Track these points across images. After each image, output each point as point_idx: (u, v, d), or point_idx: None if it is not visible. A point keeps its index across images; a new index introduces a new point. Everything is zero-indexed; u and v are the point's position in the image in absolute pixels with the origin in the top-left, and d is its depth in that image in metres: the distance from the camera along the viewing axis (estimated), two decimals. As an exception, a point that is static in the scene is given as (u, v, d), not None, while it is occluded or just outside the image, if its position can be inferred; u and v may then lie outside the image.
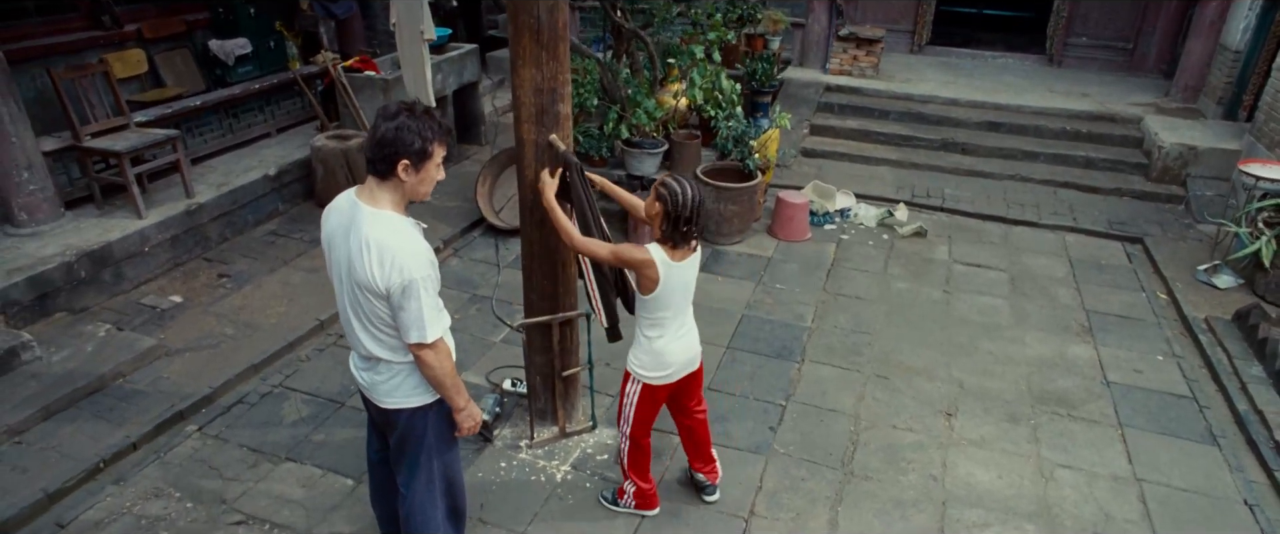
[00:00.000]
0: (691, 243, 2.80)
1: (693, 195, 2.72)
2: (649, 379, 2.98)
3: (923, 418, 4.09)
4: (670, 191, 2.71)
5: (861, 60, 8.82)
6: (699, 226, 2.77)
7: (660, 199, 2.73)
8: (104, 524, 3.27)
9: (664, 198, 2.72)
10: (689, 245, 2.80)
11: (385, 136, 2.25)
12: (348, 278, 2.36)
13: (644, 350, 2.96)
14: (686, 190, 2.72)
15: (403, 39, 5.11)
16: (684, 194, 2.70)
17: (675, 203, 2.70)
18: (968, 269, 5.75)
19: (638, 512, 3.33)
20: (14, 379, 3.99)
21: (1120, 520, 3.47)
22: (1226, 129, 7.19)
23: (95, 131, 5.12)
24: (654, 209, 2.76)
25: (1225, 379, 4.48)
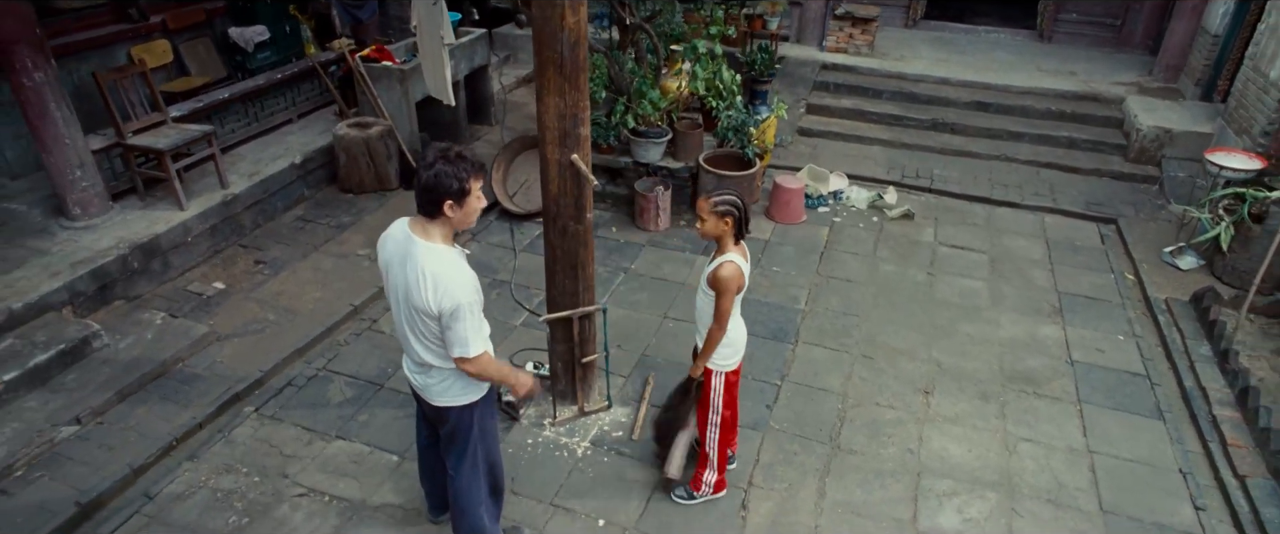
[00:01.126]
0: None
1: (744, 200, 3.16)
2: (730, 367, 3.41)
3: (903, 396, 4.56)
4: (732, 205, 3.12)
5: (857, 38, 9.09)
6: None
7: (729, 214, 3.11)
8: (185, 496, 3.75)
9: (732, 211, 3.11)
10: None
11: (428, 183, 2.63)
12: (405, 301, 2.77)
13: (722, 344, 3.36)
14: (739, 198, 3.14)
15: (423, 41, 5.41)
16: (742, 202, 3.14)
17: (739, 210, 3.12)
18: (951, 251, 6.17)
19: (714, 496, 3.75)
20: (88, 365, 4.44)
21: (1071, 488, 3.97)
22: (1202, 111, 7.55)
23: (136, 129, 5.46)
24: (724, 225, 3.13)
25: (1177, 358, 4.96)
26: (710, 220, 3.14)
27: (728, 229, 3.13)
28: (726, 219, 3.11)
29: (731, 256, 3.16)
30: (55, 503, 3.64)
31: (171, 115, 5.75)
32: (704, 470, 3.69)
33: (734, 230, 3.15)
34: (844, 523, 3.71)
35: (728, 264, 3.13)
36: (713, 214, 3.12)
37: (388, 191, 6.59)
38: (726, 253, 3.17)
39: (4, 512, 3.59)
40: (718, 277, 3.13)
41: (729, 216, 3.11)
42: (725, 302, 3.17)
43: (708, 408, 3.48)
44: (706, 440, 3.57)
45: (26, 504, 3.63)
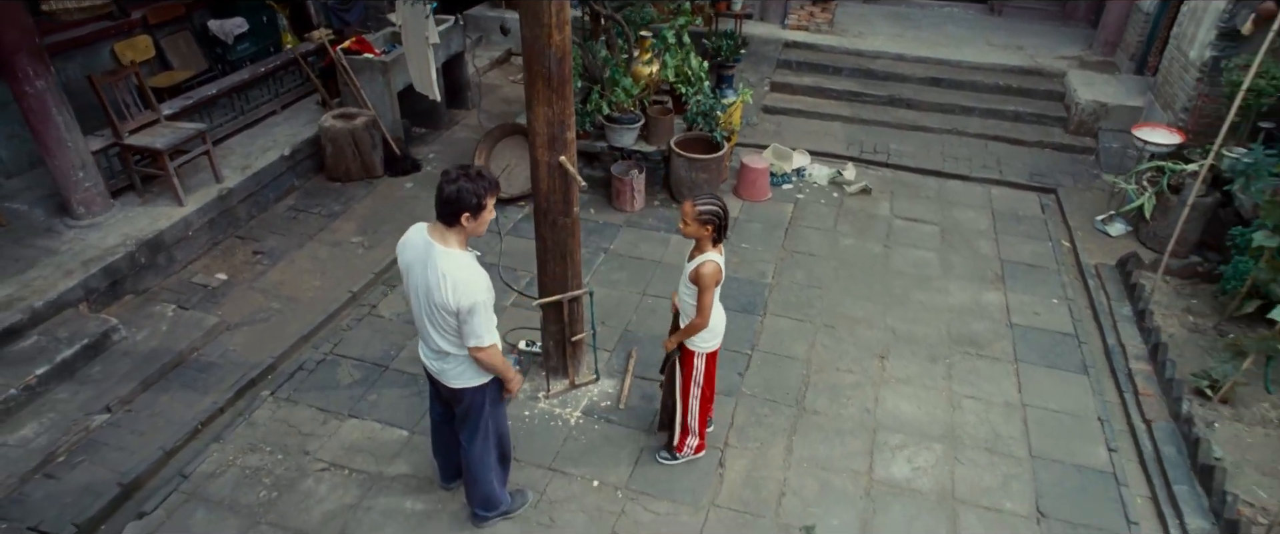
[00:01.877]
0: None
1: (725, 207, 3.53)
2: (711, 349, 3.84)
3: (861, 361, 5.08)
4: (713, 214, 3.49)
5: (817, 16, 9.47)
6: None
7: (709, 222, 3.48)
8: (216, 475, 4.13)
9: (712, 220, 3.48)
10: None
11: (449, 196, 3.01)
12: (425, 299, 3.16)
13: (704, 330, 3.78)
14: (722, 205, 3.52)
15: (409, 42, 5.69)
16: (723, 209, 3.51)
17: (719, 217, 3.50)
18: (906, 224, 6.68)
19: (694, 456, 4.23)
20: (110, 357, 4.76)
21: (1006, 437, 4.53)
22: (1135, 85, 8.10)
23: (132, 129, 5.69)
24: (704, 231, 3.50)
25: (1102, 318, 5.54)
26: (692, 225, 3.51)
27: (707, 234, 3.53)
28: (707, 226, 3.50)
29: (712, 256, 3.56)
30: (99, 485, 4.00)
31: (164, 113, 5.97)
32: (686, 436, 4.17)
33: (713, 235, 3.54)
34: (809, 476, 4.22)
35: (709, 263, 3.54)
36: (696, 220, 3.50)
37: (374, 179, 6.89)
38: (706, 253, 3.58)
39: (54, 493, 3.95)
40: (700, 274, 3.54)
41: (709, 225, 3.50)
42: (707, 297, 3.59)
43: (690, 383, 3.93)
44: (687, 411, 4.03)
45: (73, 487, 3.99)
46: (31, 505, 3.89)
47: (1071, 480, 4.26)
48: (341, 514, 3.93)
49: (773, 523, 3.94)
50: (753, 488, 4.13)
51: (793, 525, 3.93)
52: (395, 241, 5.94)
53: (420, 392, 4.67)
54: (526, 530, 3.88)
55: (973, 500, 4.12)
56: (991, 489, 4.20)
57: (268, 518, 3.91)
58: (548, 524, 3.91)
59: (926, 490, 4.17)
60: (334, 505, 3.97)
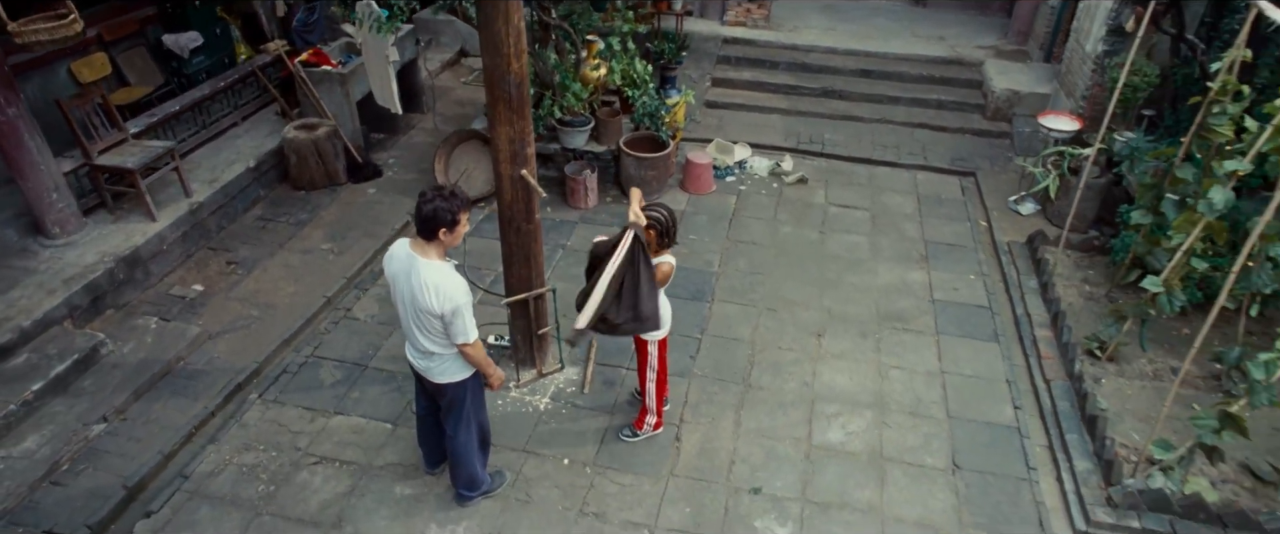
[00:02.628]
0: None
1: (671, 216, 4.00)
2: (663, 335, 4.30)
3: (800, 340, 5.63)
4: (660, 221, 3.96)
5: (754, 12, 9.97)
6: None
7: (654, 226, 3.95)
8: (215, 473, 4.49)
9: (658, 225, 3.96)
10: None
11: (428, 215, 3.42)
12: (411, 305, 3.57)
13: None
14: (669, 215, 3.99)
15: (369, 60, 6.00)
16: (669, 219, 3.98)
17: (663, 225, 3.97)
18: (839, 210, 7.26)
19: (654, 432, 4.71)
20: (100, 370, 5.04)
21: (927, 401, 5.14)
22: (1045, 73, 8.81)
23: (101, 149, 5.90)
24: (649, 234, 3.98)
25: (1012, 291, 6.21)
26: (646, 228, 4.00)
27: (652, 237, 4.00)
28: (649, 230, 3.98)
29: (665, 257, 4.04)
30: (105, 489, 4.33)
31: (130, 132, 6.18)
32: (645, 415, 4.66)
33: (658, 240, 4.01)
34: (756, 444, 4.76)
35: (665, 264, 4.02)
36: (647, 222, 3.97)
37: (338, 186, 7.18)
38: (660, 256, 4.05)
39: (63, 499, 4.26)
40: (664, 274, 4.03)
41: (652, 230, 3.97)
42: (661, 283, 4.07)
43: (645, 368, 4.42)
44: (645, 393, 4.53)
45: (80, 492, 4.31)
46: (44, 511, 4.20)
47: (982, 436, 4.89)
48: (337, 503, 4.33)
49: (724, 487, 4.47)
50: (706, 458, 4.66)
51: (742, 489, 4.47)
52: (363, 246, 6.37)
53: (400, 388, 5.07)
54: (506, 507, 4.34)
55: (898, 458, 4.72)
56: (914, 447, 4.80)
57: (268, 510, 4.29)
58: (525, 500, 4.37)
59: (858, 452, 4.75)
60: (329, 495, 4.37)
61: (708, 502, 4.38)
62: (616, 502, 4.37)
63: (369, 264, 6.29)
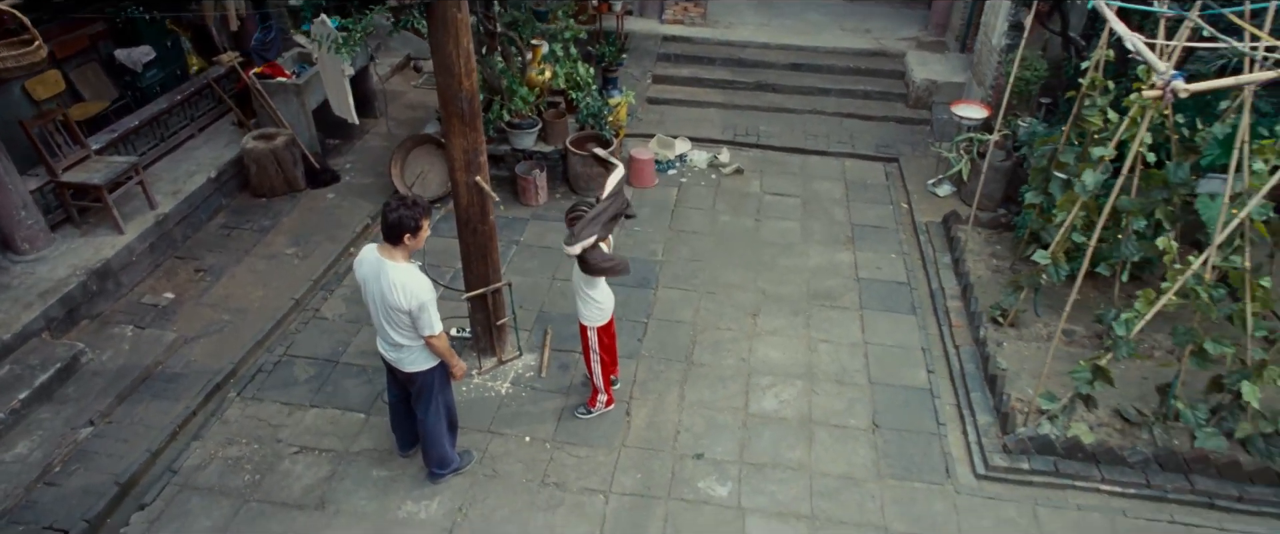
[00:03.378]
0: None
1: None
2: (601, 323, 4.77)
3: (737, 319, 6.18)
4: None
5: (691, 10, 10.46)
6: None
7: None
8: (202, 467, 4.85)
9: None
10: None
11: (393, 222, 3.85)
12: (381, 303, 4.00)
13: (593, 308, 4.67)
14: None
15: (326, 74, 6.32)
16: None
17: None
18: (773, 198, 7.83)
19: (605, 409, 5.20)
20: (82, 378, 5.34)
21: (851, 370, 5.73)
22: (960, 63, 9.49)
23: (66, 166, 6.13)
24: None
25: (928, 267, 6.84)
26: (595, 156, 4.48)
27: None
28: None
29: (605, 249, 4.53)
30: (98, 486, 4.66)
31: (93, 149, 6.41)
32: (597, 394, 5.16)
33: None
34: (698, 415, 5.30)
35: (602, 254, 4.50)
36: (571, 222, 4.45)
37: (298, 192, 7.49)
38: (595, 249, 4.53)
39: (60, 497, 4.58)
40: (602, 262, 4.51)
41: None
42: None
43: (588, 351, 4.91)
44: (592, 374, 5.02)
45: (74, 490, 4.64)
46: (42, 509, 4.53)
47: (899, 398, 5.50)
48: (319, 487, 4.74)
49: (670, 454, 5.00)
50: (654, 429, 5.18)
51: (686, 455, 5.00)
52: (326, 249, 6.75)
53: (370, 380, 5.48)
54: (474, 482, 4.80)
55: (825, 421, 5.30)
56: (839, 411, 5.38)
57: (255, 497, 4.68)
58: (491, 475, 4.84)
59: (790, 417, 5.32)
60: (311, 480, 4.77)
61: (656, 468, 4.90)
62: (574, 472, 4.87)
63: (333, 266, 6.64)
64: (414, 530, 4.50)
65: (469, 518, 4.57)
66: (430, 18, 4.25)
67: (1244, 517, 4.72)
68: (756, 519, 4.60)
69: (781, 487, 4.81)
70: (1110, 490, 4.86)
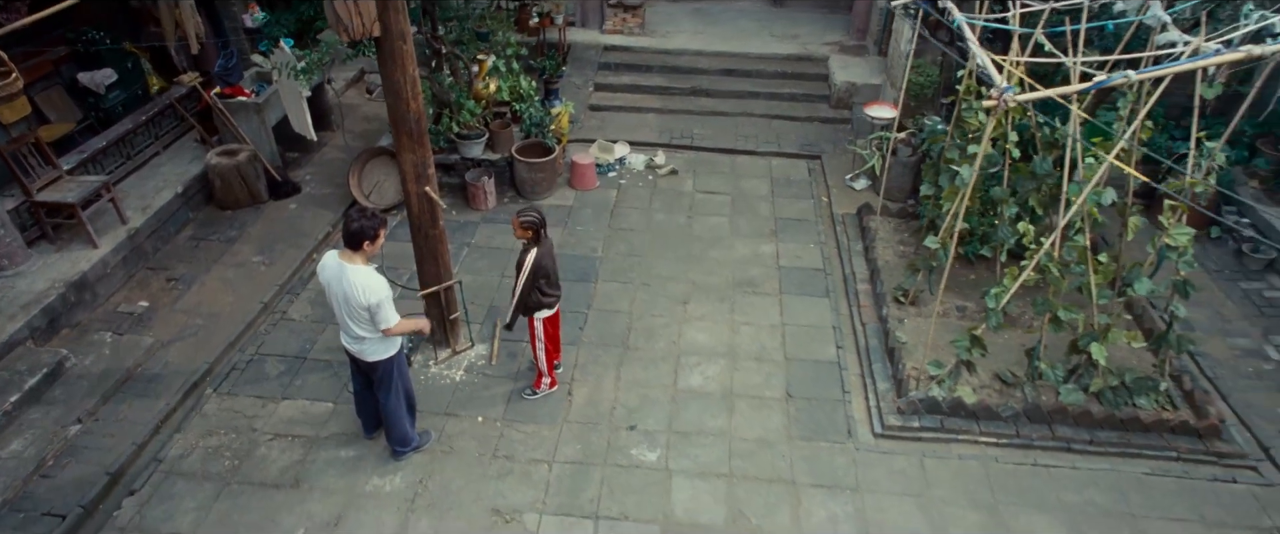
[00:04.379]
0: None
1: (541, 215, 5.10)
2: (545, 315, 5.41)
3: (669, 308, 6.86)
4: (532, 221, 5.05)
5: (629, 21, 11.12)
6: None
7: (530, 226, 5.04)
8: (186, 456, 5.39)
9: (531, 225, 5.05)
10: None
11: (354, 231, 4.44)
12: (344, 302, 4.58)
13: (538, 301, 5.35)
14: (539, 214, 5.08)
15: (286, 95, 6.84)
16: (540, 217, 5.07)
17: (537, 223, 5.06)
18: (705, 196, 8.53)
19: (550, 390, 5.84)
20: (67, 381, 5.82)
21: (769, 349, 6.45)
22: (878, 66, 10.30)
23: (40, 186, 6.57)
24: (528, 233, 5.07)
25: (843, 255, 7.60)
26: (519, 231, 5.11)
27: (530, 236, 5.12)
28: (529, 230, 5.09)
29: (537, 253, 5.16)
30: (90, 477, 5.17)
31: (64, 169, 6.85)
32: (541, 377, 5.80)
33: (534, 236, 5.13)
34: (633, 393, 5.97)
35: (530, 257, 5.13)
36: (521, 228, 5.09)
37: (262, 204, 7.98)
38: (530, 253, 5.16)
39: (55, 487, 5.09)
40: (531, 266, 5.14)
41: (530, 229, 5.09)
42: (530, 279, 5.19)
43: (535, 339, 5.55)
44: (537, 359, 5.66)
45: (68, 481, 5.14)
46: (39, 498, 5.03)
47: (810, 371, 6.23)
48: (293, 468, 5.31)
49: (607, 427, 5.67)
50: (593, 406, 5.84)
51: (621, 427, 5.67)
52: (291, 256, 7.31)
53: (336, 373, 6.05)
54: (433, 458, 5.41)
55: (744, 393, 6.01)
56: (758, 384, 6.10)
57: (235, 479, 5.23)
58: (448, 451, 5.46)
59: (713, 391, 6.02)
60: (286, 462, 5.34)
61: (594, 439, 5.56)
62: (522, 446, 5.51)
63: (298, 271, 7.17)
64: (380, 501, 5.10)
65: (428, 488, 5.18)
66: (380, 50, 4.84)
67: (1094, 456, 5.54)
68: (681, 479, 5.29)
69: (704, 451, 5.51)
70: (986, 441, 5.65)
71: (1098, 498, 5.26)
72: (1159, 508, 5.20)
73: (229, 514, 4.99)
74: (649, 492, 5.20)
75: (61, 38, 7.97)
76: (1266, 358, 6.41)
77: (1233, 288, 7.22)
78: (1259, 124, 7.80)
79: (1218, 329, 6.73)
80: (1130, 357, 6.22)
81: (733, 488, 5.25)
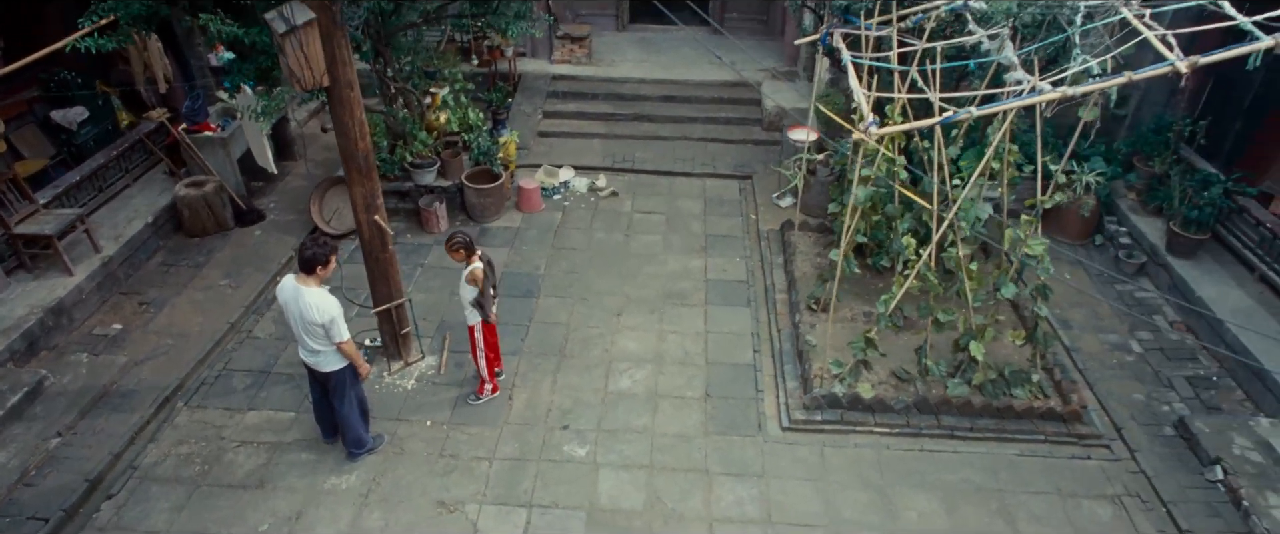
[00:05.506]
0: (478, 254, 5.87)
1: (468, 235, 5.77)
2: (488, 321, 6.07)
3: (604, 320, 7.55)
4: (460, 243, 5.72)
5: (577, 51, 11.85)
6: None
7: (460, 246, 5.72)
8: (159, 463, 5.95)
9: (460, 245, 5.72)
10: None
11: (309, 257, 5.09)
12: (300, 320, 5.21)
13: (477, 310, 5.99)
14: (465, 235, 5.75)
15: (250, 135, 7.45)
16: (467, 236, 5.75)
17: (467, 242, 5.73)
18: (642, 216, 9.25)
19: (492, 395, 6.48)
20: (46, 399, 6.35)
21: (693, 354, 7.16)
22: (806, 92, 11.11)
23: (18, 220, 7.11)
24: (459, 254, 5.73)
25: (765, 268, 8.35)
26: (453, 254, 5.78)
27: (463, 255, 5.79)
28: (459, 250, 5.77)
29: (476, 264, 5.84)
30: (70, 484, 5.71)
31: (41, 203, 7.39)
32: (484, 384, 6.45)
33: (466, 254, 5.80)
34: (567, 396, 6.64)
35: (476, 267, 5.80)
36: (451, 251, 5.76)
37: (227, 231, 8.55)
38: (471, 263, 5.84)
39: (38, 494, 5.62)
40: (474, 276, 5.81)
41: (460, 248, 5.77)
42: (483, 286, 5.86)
43: (475, 348, 6.21)
44: (479, 366, 6.32)
45: (50, 488, 5.68)
46: (23, 504, 5.56)
47: (728, 374, 6.94)
48: (258, 471, 5.90)
49: (543, 427, 6.33)
50: (531, 409, 6.50)
51: (555, 427, 6.33)
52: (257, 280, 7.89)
53: (298, 386, 6.64)
54: (386, 458, 6.03)
55: (668, 395, 6.70)
56: (681, 386, 6.80)
57: (205, 482, 5.81)
58: (399, 452, 6.08)
59: (640, 393, 6.70)
60: (252, 466, 5.93)
61: (531, 438, 6.22)
62: (466, 446, 6.15)
63: (263, 293, 7.76)
64: (338, 497, 5.71)
65: (381, 485, 5.80)
66: (330, 97, 5.50)
67: (974, 441, 6.31)
68: (607, 471, 5.96)
69: (629, 446, 6.19)
70: (880, 431, 6.39)
71: (973, 477, 6.02)
72: (1024, 483, 5.97)
73: (200, 513, 5.56)
74: (578, 482, 5.86)
75: (35, 79, 8.51)
76: (1129, 350, 7.26)
77: (1109, 289, 8.09)
78: (1131, 143, 8.71)
79: (1092, 326, 7.58)
80: (1015, 353, 7.03)
81: (652, 478, 5.93)
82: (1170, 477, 5.99)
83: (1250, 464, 5.91)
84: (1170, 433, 6.39)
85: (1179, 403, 6.68)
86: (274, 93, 6.98)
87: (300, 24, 4.95)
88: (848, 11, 7.09)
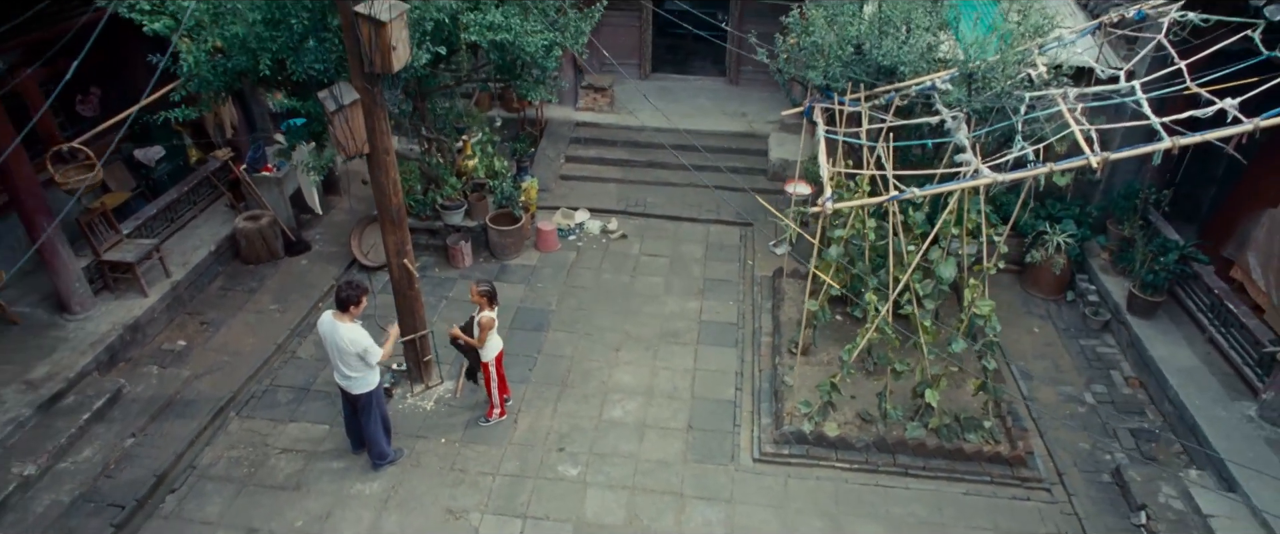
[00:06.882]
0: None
1: (494, 288, 6.74)
2: (493, 358, 7.01)
3: (604, 354, 8.44)
4: (486, 292, 6.68)
5: (599, 100, 12.86)
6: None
7: (485, 294, 6.69)
8: (214, 463, 6.98)
9: (485, 294, 6.69)
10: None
11: (345, 297, 6.08)
12: (336, 350, 6.20)
13: (489, 348, 6.92)
14: (491, 286, 6.72)
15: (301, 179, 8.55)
16: (493, 289, 6.71)
17: (490, 293, 6.69)
18: (648, 258, 10.15)
19: (500, 419, 7.41)
20: (124, 405, 7.45)
21: (681, 389, 8.00)
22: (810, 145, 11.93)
23: (106, 247, 8.29)
24: (482, 300, 6.70)
25: (755, 311, 9.17)
26: (476, 297, 6.74)
27: (484, 302, 6.75)
28: (483, 297, 6.72)
29: (488, 312, 6.78)
30: (142, 478, 6.76)
31: (124, 233, 8.57)
32: (492, 408, 7.38)
33: (488, 302, 6.75)
34: (566, 422, 7.53)
35: (486, 317, 6.75)
36: (478, 296, 6.72)
37: (278, 260, 9.67)
38: (485, 311, 6.79)
39: (116, 486, 6.67)
40: (481, 323, 6.76)
41: (485, 296, 6.72)
42: (484, 334, 6.80)
43: (488, 378, 7.15)
44: (490, 393, 7.25)
45: (126, 481, 6.73)
46: (104, 493, 6.62)
47: (711, 408, 7.77)
48: (296, 475, 6.89)
49: (542, 448, 7.22)
50: (533, 432, 7.40)
51: (553, 448, 7.22)
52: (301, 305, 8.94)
53: (332, 403, 7.64)
54: (404, 470, 6.98)
55: (655, 425, 7.55)
56: (667, 418, 7.64)
57: (251, 482, 6.82)
58: (416, 465, 7.02)
59: (630, 422, 7.57)
60: (291, 470, 6.93)
61: (530, 457, 7.12)
62: (474, 462, 7.07)
63: (306, 317, 8.82)
64: (362, 502, 6.67)
65: (398, 492, 6.75)
66: (371, 161, 6.52)
67: (925, 479, 7.03)
68: (594, 489, 6.83)
69: (615, 468, 7.04)
70: (841, 466, 7.15)
71: (919, 511, 6.75)
72: (966, 519, 6.69)
73: (246, 509, 6.56)
74: (568, 498, 6.74)
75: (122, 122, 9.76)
76: (1083, 402, 7.91)
77: (1073, 344, 8.74)
78: (1103, 207, 9.37)
79: (1051, 379, 8.24)
80: (974, 400, 7.73)
81: (634, 497, 6.77)
82: (1100, 519, 6.65)
83: (1171, 512, 6.55)
84: (1107, 480, 7.04)
85: (1120, 453, 7.31)
86: (323, 153, 8.07)
87: (347, 103, 5.99)
88: (828, 88, 7.95)
